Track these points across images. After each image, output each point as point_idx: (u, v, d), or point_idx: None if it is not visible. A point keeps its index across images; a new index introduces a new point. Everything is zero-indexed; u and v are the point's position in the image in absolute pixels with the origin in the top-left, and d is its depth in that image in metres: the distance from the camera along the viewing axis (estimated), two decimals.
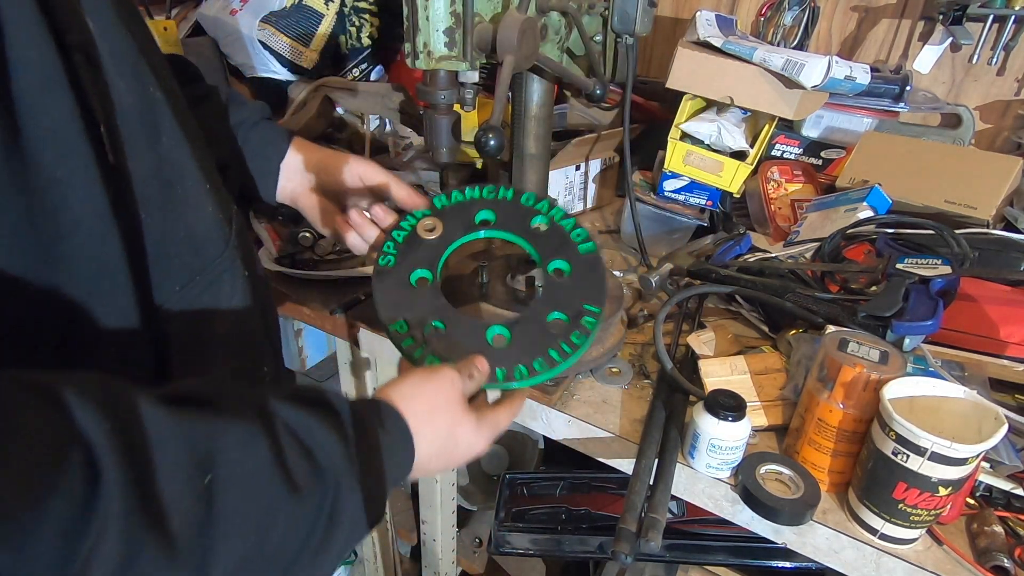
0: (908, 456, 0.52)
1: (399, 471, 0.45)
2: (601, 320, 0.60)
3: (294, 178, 0.72)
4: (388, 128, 1.20)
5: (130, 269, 0.43)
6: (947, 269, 0.70)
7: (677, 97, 1.08)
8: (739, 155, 1.05)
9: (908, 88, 1.09)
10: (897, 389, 0.55)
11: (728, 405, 0.60)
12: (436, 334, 0.58)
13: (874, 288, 0.74)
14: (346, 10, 1.31)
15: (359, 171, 0.69)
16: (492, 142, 0.64)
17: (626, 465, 0.67)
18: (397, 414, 0.45)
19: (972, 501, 0.61)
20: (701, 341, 0.78)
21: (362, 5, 1.32)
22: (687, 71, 1.03)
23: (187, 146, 0.49)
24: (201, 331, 0.51)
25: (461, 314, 0.60)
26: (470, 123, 1.13)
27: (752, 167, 1.04)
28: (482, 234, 0.66)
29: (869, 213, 0.89)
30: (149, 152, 0.44)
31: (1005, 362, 0.68)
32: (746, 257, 0.91)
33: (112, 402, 0.30)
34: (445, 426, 0.48)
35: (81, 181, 0.39)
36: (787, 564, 1.00)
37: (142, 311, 0.45)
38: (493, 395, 0.57)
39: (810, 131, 1.15)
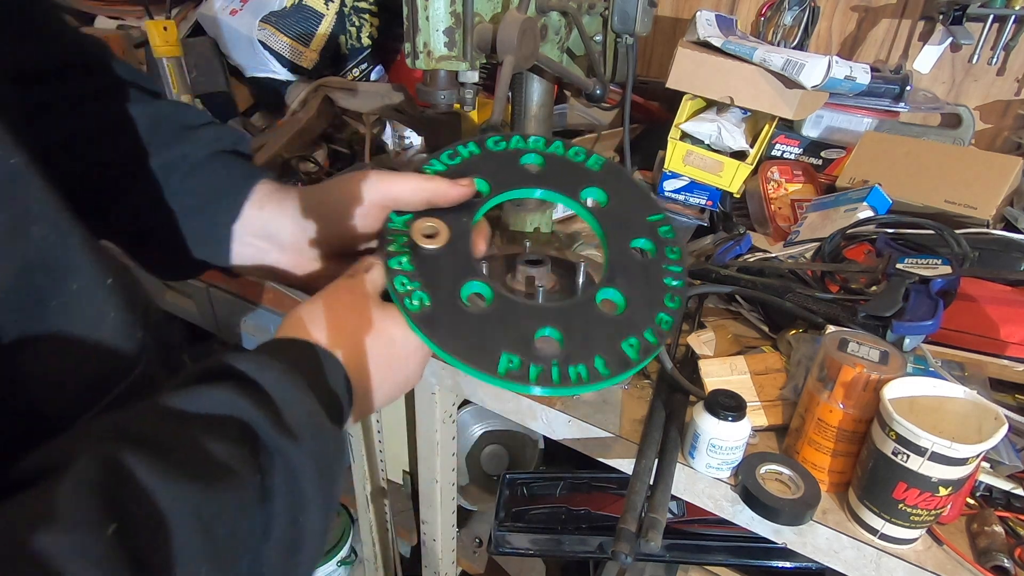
0: (908, 456, 0.52)
1: (336, 400, 0.38)
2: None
3: (255, 242, 0.50)
4: (388, 129, 1.20)
5: None
6: (947, 269, 0.70)
7: (677, 97, 1.08)
8: (739, 155, 1.05)
9: (908, 88, 1.09)
10: (897, 389, 0.55)
11: (728, 405, 0.60)
12: (554, 340, 0.43)
13: (874, 288, 0.74)
14: (346, 10, 1.31)
15: (372, 208, 0.48)
16: None
17: (626, 465, 0.67)
18: (305, 344, 0.38)
19: (972, 501, 0.61)
20: (701, 341, 0.78)
21: (362, 5, 1.32)
22: (687, 71, 1.03)
23: (75, 232, 0.35)
24: None
25: (558, 301, 0.46)
26: (470, 123, 1.14)
27: (752, 167, 1.04)
28: (492, 202, 0.51)
29: (869, 213, 0.89)
30: (10, 254, 0.31)
31: (1005, 362, 0.68)
32: (746, 257, 0.91)
33: None
34: (362, 329, 0.40)
35: None
36: (787, 564, 0.99)
37: None
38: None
39: (810, 131, 1.15)
